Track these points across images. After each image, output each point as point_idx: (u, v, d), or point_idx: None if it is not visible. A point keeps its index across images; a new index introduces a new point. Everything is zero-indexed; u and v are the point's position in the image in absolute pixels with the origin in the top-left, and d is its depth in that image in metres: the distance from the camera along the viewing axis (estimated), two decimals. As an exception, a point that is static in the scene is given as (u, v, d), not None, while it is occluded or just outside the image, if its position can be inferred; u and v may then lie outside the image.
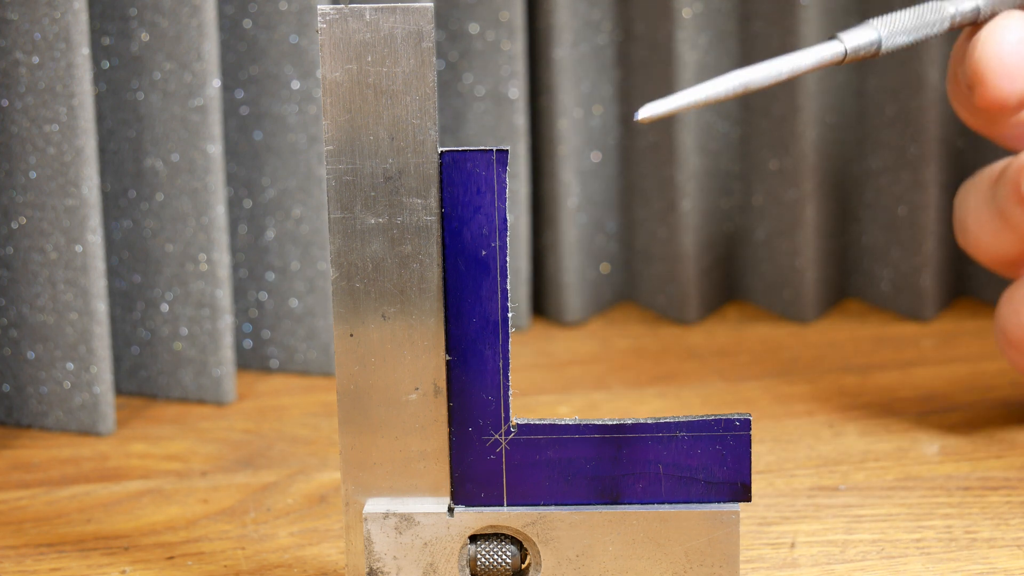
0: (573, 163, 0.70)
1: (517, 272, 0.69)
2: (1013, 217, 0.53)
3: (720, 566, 0.43)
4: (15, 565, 0.48)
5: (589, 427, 0.43)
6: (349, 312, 0.42)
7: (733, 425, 0.43)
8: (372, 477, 0.43)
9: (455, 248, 0.42)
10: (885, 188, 0.70)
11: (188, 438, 0.59)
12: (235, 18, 0.63)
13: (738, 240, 0.72)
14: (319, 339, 0.65)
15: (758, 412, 0.59)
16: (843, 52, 0.49)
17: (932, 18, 0.51)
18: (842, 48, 0.49)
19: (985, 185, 0.54)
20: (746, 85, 0.46)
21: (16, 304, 0.59)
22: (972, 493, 0.52)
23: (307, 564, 0.48)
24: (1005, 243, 0.54)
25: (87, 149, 0.57)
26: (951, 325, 0.69)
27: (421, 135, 0.41)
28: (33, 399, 0.59)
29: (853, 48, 0.49)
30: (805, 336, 0.69)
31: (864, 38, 0.49)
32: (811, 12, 0.67)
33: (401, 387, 0.43)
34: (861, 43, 0.49)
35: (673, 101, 0.45)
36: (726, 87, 0.46)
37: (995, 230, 0.54)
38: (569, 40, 0.69)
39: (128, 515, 0.52)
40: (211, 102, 0.59)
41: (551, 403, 0.61)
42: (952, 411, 0.59)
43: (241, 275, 0.65)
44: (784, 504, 0.51)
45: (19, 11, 0.56)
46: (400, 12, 0.41)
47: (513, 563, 0.44)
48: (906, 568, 0.47)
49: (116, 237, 0.62)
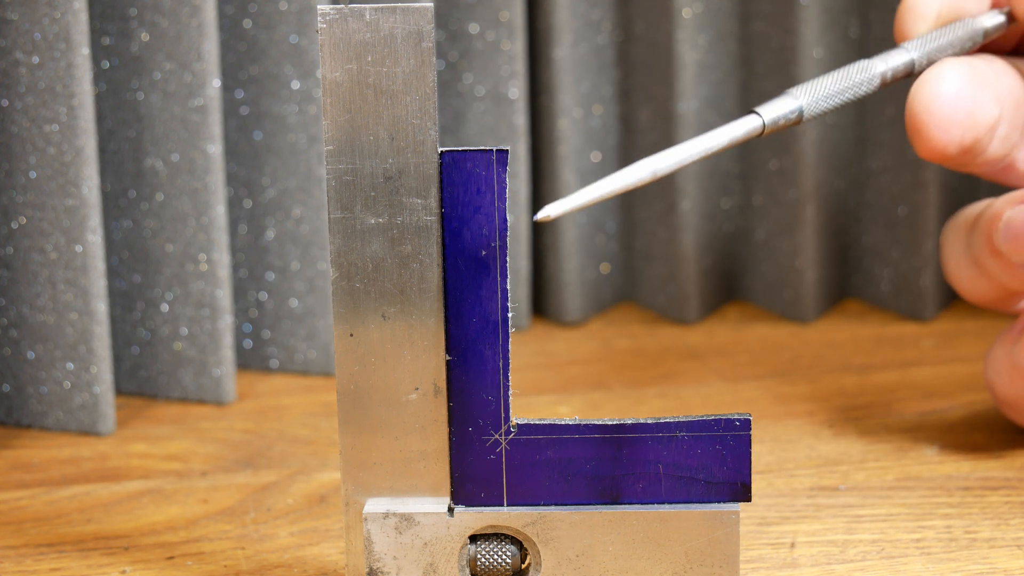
0: (573, 163, 0.70)
1: (517, 272, 0.69)
2: (988, 267, 0.53)
3: (720, 566, 0.43)
4: (15, 565, 0.48)
5: (589, 427, 0.43)
6: (349, 312, 0.42)
7: (733, 425, 0.43)
8: (372, 477, 0.43)
9: (455, 248, 0.42)
10: (885, 188, 0.70)
11: (188, 438, 0.59)
12: (235, 18, 0.63)
13: (738, 240, 0.72)
14: (319, 339, 0.65)
15: (758, 412, 0.59)
16: (761, 126, 0.47)
17: (860, 78, 0.50)
18: (759, 122, 0.47)
19: (962, 231, 0.54)
20: (655, 172, 0.43)
21: (16, 304, 0.59)
22: (972, 493, 0.52)
23: (307, 564, 0.48)
24: (983, 288, 0.54)
25: (87, 149, 0.57)
26: (951, 325, 0.69)
27: (421, 135, 0.41)
28: (33, 399, 0.59)
29: (771, 120, 0.47)
30: (805, 336, 0.69)
31: (783, 109, 0.47)
32: (811, 12, 0.67)
33: (401, 387, 0.43)
34: (779, 115, 0.47)
35: (578, 198, 0.42)
36: (635, 177, 0.43)
37: (972, 276, 0.54)
38: (569, 40, 0.69)
39: (128, 515, 0.52)
40: (211, 102, 0.59)
41: (551, 403, 0.61)
42: (952, 411, 0.59)
43: (241, 275, 0.65)
44: (784, 504, 0.51)
45: (19, 11, 0.56)
46: (400, 12, 0.41)
47: (513, 563, 0.44)
48: (906, 568, 0.47)
49: (116, 237, 0.62)
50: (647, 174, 0.43)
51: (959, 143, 0.50)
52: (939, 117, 0.50)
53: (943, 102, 0.50)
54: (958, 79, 0.50)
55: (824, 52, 0.68)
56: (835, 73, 0.49)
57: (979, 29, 0.52)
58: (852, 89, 0.49)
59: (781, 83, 0.68)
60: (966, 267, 0.54)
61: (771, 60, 0.69)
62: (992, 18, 0.53)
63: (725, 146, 0.46)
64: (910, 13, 0.52)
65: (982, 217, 0.53)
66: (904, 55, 0.51)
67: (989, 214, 0.52)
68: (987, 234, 0.52)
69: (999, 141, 0.51)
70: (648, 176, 0.43)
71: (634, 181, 0.43)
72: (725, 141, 0.46)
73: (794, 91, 0.48)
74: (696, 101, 0.69)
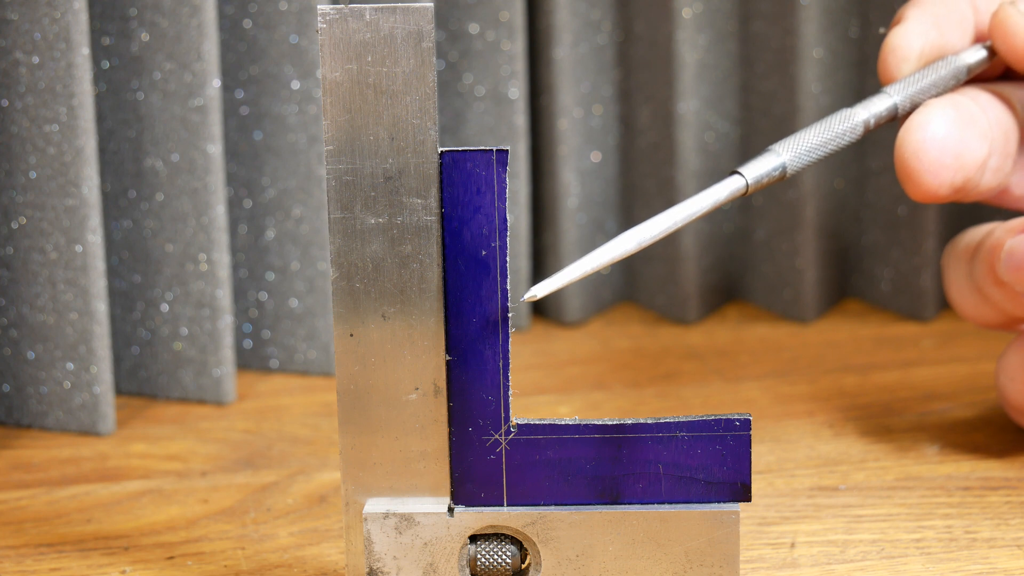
0: (573, 163, 0.70)
1: (517, 272, 0.69)
2: (992, 295, 0.53)
3: (720, 566, 0.43)
4: (15, 565, 0.48)
5: (589, 427, 0.43)
6: (349, 312, 0.42)
7: (733, 425, 0.43)
8: (372, 477, 0.43)
9: (455, 248, 0.42)
10: (885, 188, 0.70)
11: (188, 438, 0.59)
12: (235, 18, 0.63)
13: (738, 240, 0.72)
14: (319, 339, 0.65)
15: (758, 412, 0.59)
16: (744, 186, 0.47)
17: (842, 128, 0.49)
18: (743, 182, 0.47)
19: (964, 259, 0.54)
20: (640, 244, 0.44)
21: (16, 304, 0.59)
22: (972, 493, 0.52)
23: (307, 564, 0.48)
24: (988, 314, 0.54)
25: (87, 149, 0.57)
26: (951, 325, 0.69)
27: (421, 135, 0.41)
28: (33, 399, 0.59)
29: (755, 179, 0.47)
30: (805, 336, 0.69)
31: (766, 167, 0.47)
32: (811, 12, 0.67)
33: (401, 387, 0.43)
34: (762, 173, 0.47)
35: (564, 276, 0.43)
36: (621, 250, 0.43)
37: (976, 303, 0.54)
38: (569, 40, 0.69)
39: (128, 515, 0.52)
40: (211, 102, 0.59)
41: (551, 403, 0.61)
42: (952, 411, 0.59)
43: (241, 275, 0.65)
44: (784, 504, 0.51)
45: (19, 11, 0.56)
46: (400, 12, 0.41)
47: (513, 563, 0.44)
48: (906, 568, 0.47)
49: (116, 237, 0.62)
50: (632, 246, 0.43)
51: (950, 185, 0.50)
52: (927, 162, 0.50)
53: (930, 147, 0.50)
54: (944, 122, 0.50)
55: (824, 52, 0.68)
56: (817, 125, 0.49)
57: (962, 67, 0.52)
58: (835, 140, 0.49)
59: (781, 83, 0.68)
60: (969, 295, 0.54)
61: (771, 60, 0.69)
62: (974, 54, 0.52)
63: (711, 208, 0.46)
64: (893, 55, 0.52)
65: (983, 246, 0.53)
66: (886, 100, 0.51)
67: (990, 243, 0.52)
68: (989, 263, 0.52)
69: (991, 173, 0.52)
70: (634, 247, 0.43)
71: (620, 254, 0.43)
72: (709, 205, 0.46)
73: (776, 147, 0.48)
74: (696, 101, 0.69)
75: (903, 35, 0.52)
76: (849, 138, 0.50)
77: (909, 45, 0.52)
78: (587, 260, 0.43)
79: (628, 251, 0.43)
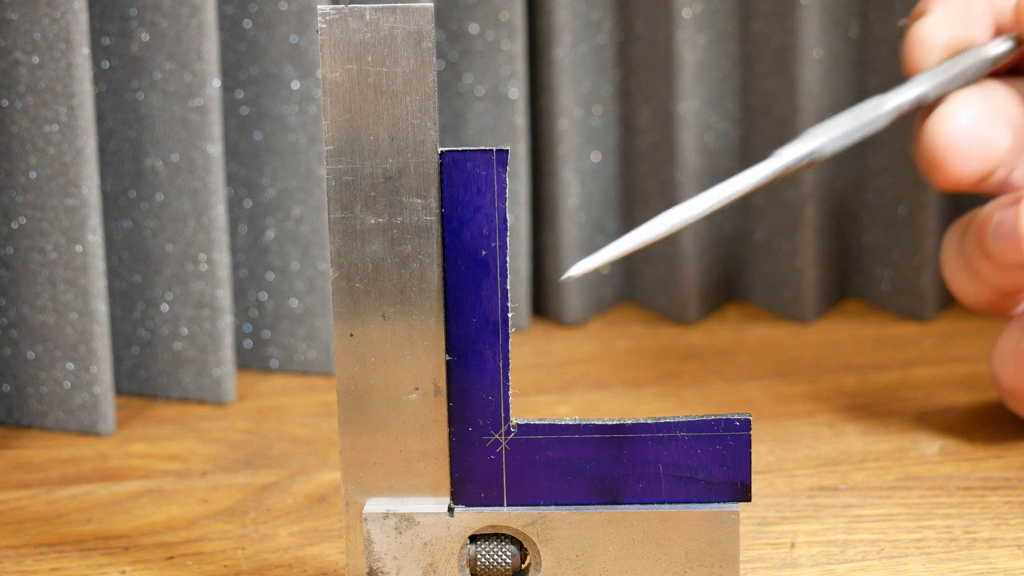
0: (573, 163, 0.70)
1: (517, 272, 0.69)
2: (980, 269, 0.53)
3: (720, 566, 0.43)
4: (15, 565, 0.48)
5: (589, 427, 0.43)
6: (349, 312, 0.42)
7: (733, 425, 0.43)
8: (372, 477, 0.43)
9: (455, 248, 0.42)
10: (885, 188, 0.70)
11: (188, 438, 0.59)
12: (235, 18, 0.63)
13: (738, 240, 0.72)
14: (319, 339, 0.65)
15: (758, 412, 0.59)
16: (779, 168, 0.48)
17: (872, 115, 0.51)
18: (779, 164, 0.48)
19: (957, 236, 0.55)
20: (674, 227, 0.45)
21: (16, 304, 0.59)
22: (972, 493, 0.52)
23: (307, 564, 0.48)
24: (978, 291, 0.55)
25: (87, 149, 0.57)
26: (951, 325, 0.69)
27: (421, 135, 0.41)
28: (33, 399, 0.59)
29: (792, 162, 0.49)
30: (805, 336, 0.69)
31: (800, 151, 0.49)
32: (811, 12, 0.67)
33: (401, 387, 0.43)
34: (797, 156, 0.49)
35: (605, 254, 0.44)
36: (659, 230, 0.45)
37: (966, 279, 0.55)
38: (569, 40, 0.69)
39: (128, 515, 0.52)
40: (211, 102, 0.59)
41: (551, 403, 0.61)
42: (952, 411, 0.59)
43: (241, 275, 0.65)
44: (784, 504, 0.51)
45: (19, 11, 0.56)
46: (400, 12, 0.41)
47: (513, 563, 0.44)
48: (906, 568, 0.47)
49: (116, 237, 0.62)
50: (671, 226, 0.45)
51: (978, 174, 0.51)
52: (959, 151, 0.51)
53: (961, 136, 0.51)
54: (974, 111, 0.51)
55: (824, 52, 0.68)
56: (846, 113, 0.51)
57: (987, 58, 0.52)
58: (865, 127, 0.51)
59: (781, 83, 0.68)
60: (960, 270, 0.55)
61: (771, 60, 0.69)
62: (1000, 45, 0.53)
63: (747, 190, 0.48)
64: (919, 46, 0.53)
65: (973, 221, 0.54)
66: (916, 89, 0.52)
67: (980, 217, 0.53)
68: (978, 237, 0.53)
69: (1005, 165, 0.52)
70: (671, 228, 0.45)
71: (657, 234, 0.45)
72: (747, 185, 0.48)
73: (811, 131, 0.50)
74: (696, 101, 0.69)
75: (928, 26, 0.52)
76: (879, 125, 0.51)
77: (935, 36, 0.52)
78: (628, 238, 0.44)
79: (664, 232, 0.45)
